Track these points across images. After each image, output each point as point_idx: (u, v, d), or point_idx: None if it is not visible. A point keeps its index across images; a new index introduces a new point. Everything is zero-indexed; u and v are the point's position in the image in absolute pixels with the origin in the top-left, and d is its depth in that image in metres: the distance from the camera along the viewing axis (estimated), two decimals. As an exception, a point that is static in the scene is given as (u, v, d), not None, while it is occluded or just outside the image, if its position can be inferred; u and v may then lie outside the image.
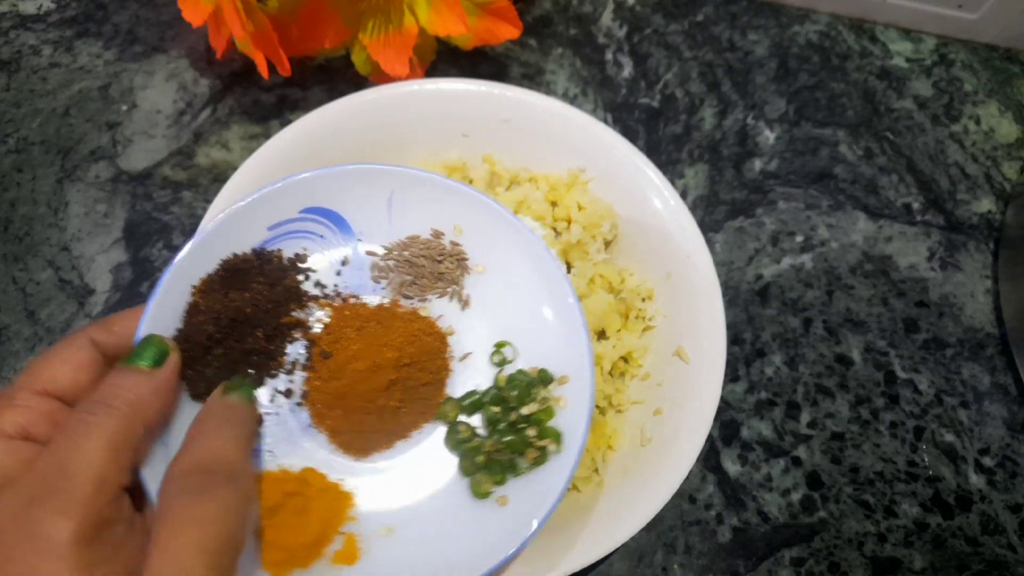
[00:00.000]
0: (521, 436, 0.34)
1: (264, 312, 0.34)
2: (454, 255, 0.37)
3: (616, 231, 0.47)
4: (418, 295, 0.36)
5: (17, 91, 0.56)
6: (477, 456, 0.34)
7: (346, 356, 0.34)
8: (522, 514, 0.32)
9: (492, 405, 0.35)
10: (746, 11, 0.63)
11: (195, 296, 0.32)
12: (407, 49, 0.49)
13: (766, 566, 0.46)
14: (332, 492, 0.33)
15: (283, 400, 0.34)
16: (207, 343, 0.32)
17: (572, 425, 0.34)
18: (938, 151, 0.58)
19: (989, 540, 0.47)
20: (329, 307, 0.35)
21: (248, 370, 0.33)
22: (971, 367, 0.51)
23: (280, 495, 0.31)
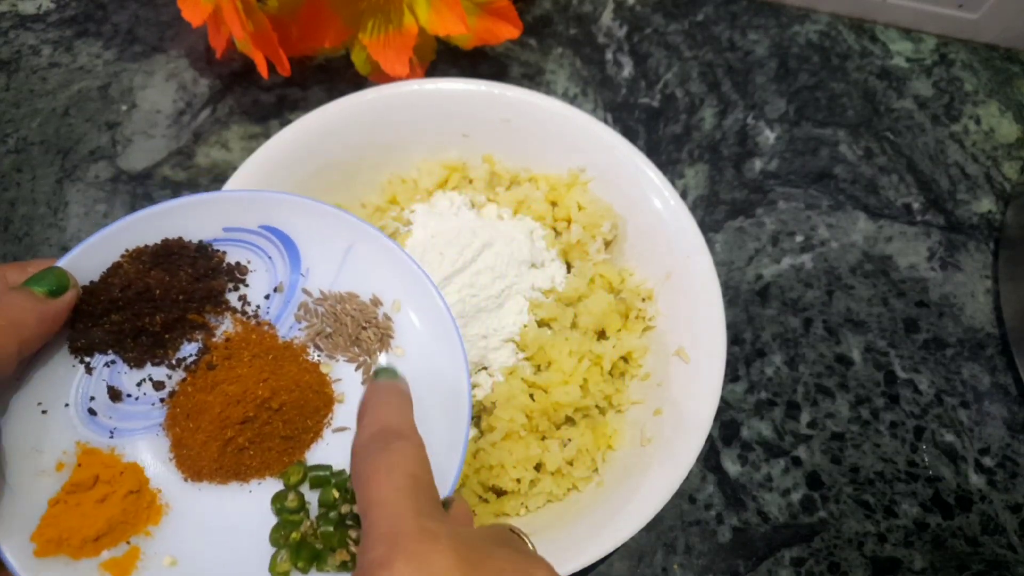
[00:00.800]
0: (342, 533, 0.32)
1: (172, 301, 0.33)
2: (381, 329, 0.36)
3: (616, 231, 0.47)
4: (329, 351, 0.36)
5: (17, 91, 0.56)
6: (293, 532, 0.32)
7: (226, 375, 0.33)
8: None
9: (334, 488, 0.33)
10: (746, 11, 0.63)
11: (123, 258, 0.33)
12: (407, 49, 0.49)
13: (766, 566, 0.46)
14: (143, 498, 0.32)
15: (151, 390, 0.34)
16: (108, 305, 0.32)
17: None
18: (938, 151, 0.58)
19: (989, 540, 0.47)
20: (241, 324, 0.35)
21: (134, 346, 0.33)
22: (971, 367, 0.51)
23: (92, 475, 0.31)
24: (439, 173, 0.47)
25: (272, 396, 0.33)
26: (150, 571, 0.31)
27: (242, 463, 0.33)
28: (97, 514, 0.31)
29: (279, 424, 0.34)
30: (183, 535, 0.32)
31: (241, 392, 0.33)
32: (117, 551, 0.31)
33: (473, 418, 0.43)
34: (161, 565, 0.31)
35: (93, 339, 0.32)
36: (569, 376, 0.42)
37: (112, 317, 0.32)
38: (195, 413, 0.33)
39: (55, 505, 0.30)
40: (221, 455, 0.33)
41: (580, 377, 0.42)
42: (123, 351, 0.33)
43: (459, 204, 0.46)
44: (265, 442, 0.34)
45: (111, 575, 0.30)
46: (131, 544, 0.31)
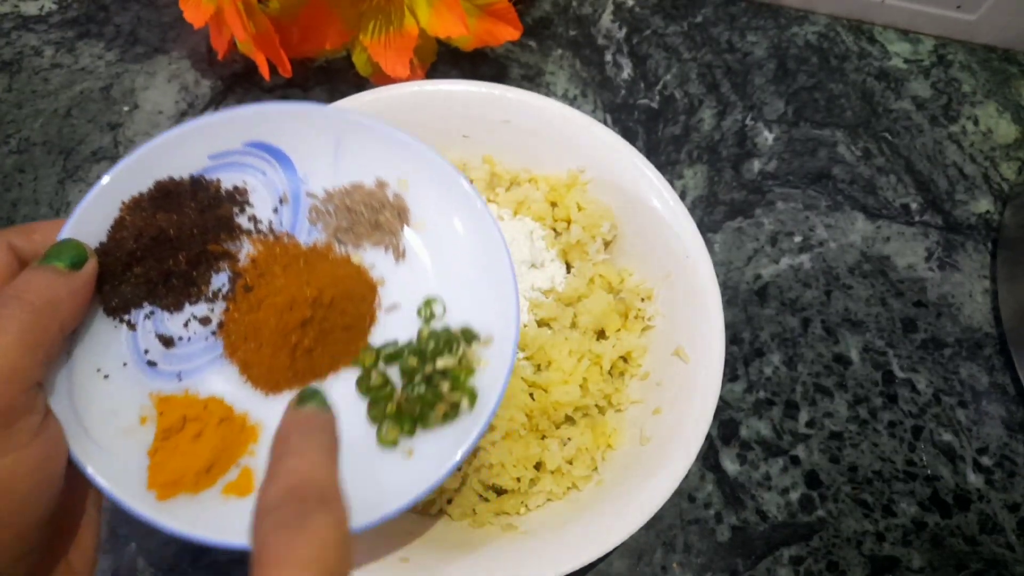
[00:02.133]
0: (434, 390, 0.33)
1: (189, 236, 0.33)
2: (395, 207, 0.36)
3: (615, 231, 0.47)
4: (353, 242, 0.36)
5: (19, 92, 0.56)
6: (388, 404, 0.34)
7: (267, 290, 0.34)
8: (427, 466, 0.32)
9: (409, 356, 0.34)
10: (745, 12, 0.63)
11: (122, 212, 0.32)
12: (408, 50, 0.49)
13: (765, 565, 0.46)
14: (235, 423, 0.33)
15: (199, 327, 0.34)
16: (127, 260, 0.32)
17: (488, 386, 0.33)
18: (936, 151, 0.59)
19: (987, 539, 0.47)
20: (260, 243, 0.35)
21: (167, 292, 0.33)
22: (969, 367, 0.52)
23: (179, 417, 0.32)
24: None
25: (320, 294, 0.33)
26: None
27: (313, 363, 0.34)
28: (199, 449, 0.31)
29: (336, 316, 0.34)
30: None
31: (289, 300, 0.33)
32: (231, 476, 0.31)
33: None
34: None
35: (125, 296, 0.32)
36: (569, 376, 0.42)
37: (135, 270, 0.32)
38: (252, 333, 0.33)
39: (155, 454, 0.31)
40: (292, 362, 0.33)
41: (580, 377, 0.42)
42: (157, 299, 0.33)
43: (459, 204, 0.46)
44: (329, 337, 0.34)
45: (235, 496, 0.31)
46: (241, 465, 0.32)
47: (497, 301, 0.34)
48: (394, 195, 0.36)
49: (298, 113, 0.35)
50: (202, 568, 0.44)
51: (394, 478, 0.32)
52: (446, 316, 0.35)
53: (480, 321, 0.35)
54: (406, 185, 0.36)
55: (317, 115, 0.35)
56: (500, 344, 0.34)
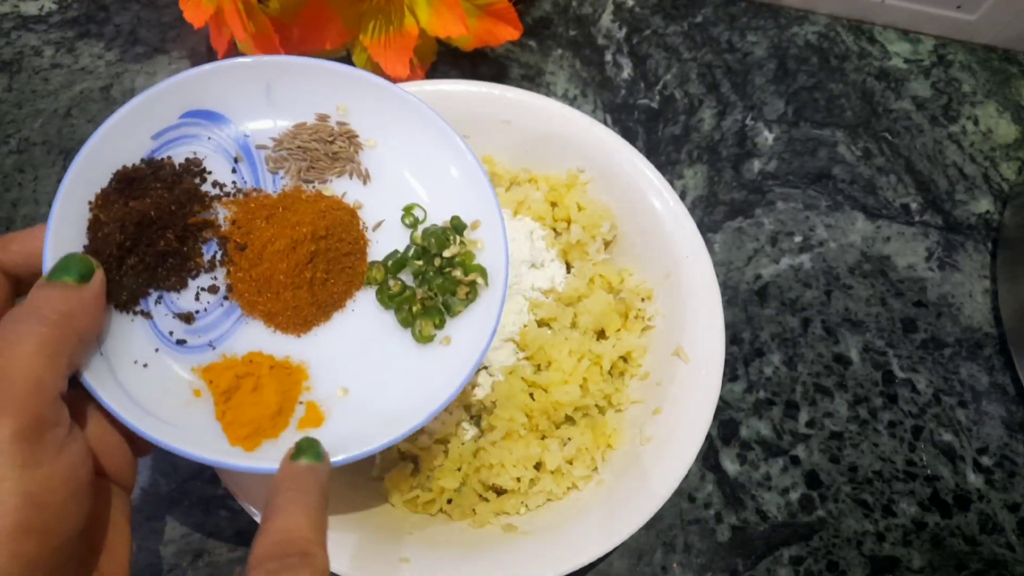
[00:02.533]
0: (449, 277, 0.36)
1: (169, 214, 0.34)
2: (344, 134, 0.38)
3: (615, 231, 0.47)
4: (318, 178, 0.38)
5: (19, 92, 0.56)
6: (412, 306, 0.36)
7: (262, 242, 0.35)
8: (466, 348, 0.35)
9: (415, 259, 0.37)
10: (745, 12, 0.63)
11: (94, 211, 0.32)
12: (408, 50, 0.49)
13: (765, 565, 0.46)
14: (283, 368, 0.34)
15: (210, 297, 0.35)
16: (119, 253, 0.32)
17: (493, 261, 0.36)
18: (936, 151, 0.59)
19: (987, 539, 0.47)
20: (232, 204, 0.36)
21: (167, 273, 0.34)
22: (969, 367, 0.52)
23: (231, 378, 0.33)
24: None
25: (313, 229, 0.35)
26: (335, 409, 0.34)
27: (331, 293, 0.36)
28: (262, 398, 0.33)
29: (336, 244, 0.36)
30: (334, 373, 0.35)
31: (290, 241, 0.34)
32: (299, 413, 0.34)
33: (472, 417, 0.43)
34: (339, 399, 0.35)
35: (129, 288, 0.33)
36: (569, 376, 0.42)
37: (129, 262, 0.32)
38: (264, 285, 0.35)
39: (224, 415, 0.33)
40: (313, 296, 0.35)
41: (580, 377, 0.42)
42: (161, 282, 0.34)
43: (459, 204, 0.46)
44: (336, 265, 0.36)
45: (312, 428, 0.33)
46: (303, 402, 0.34)
47: (468, 186, 0.37)
48: (338, 123, 0.38)
49: (220, 71, 0.35)
50: (202, 568, 0.44)
51: (443, 366, 0.35)
52: (428, 216, 0.38)
53: (461, 209, 0.37)
54: (345, 110, 0.37)
55: (238, 69, 0.36)
56: (488, 223, 0.37)
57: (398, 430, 0.33)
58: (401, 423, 0.33)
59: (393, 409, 0.34)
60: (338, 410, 0.34)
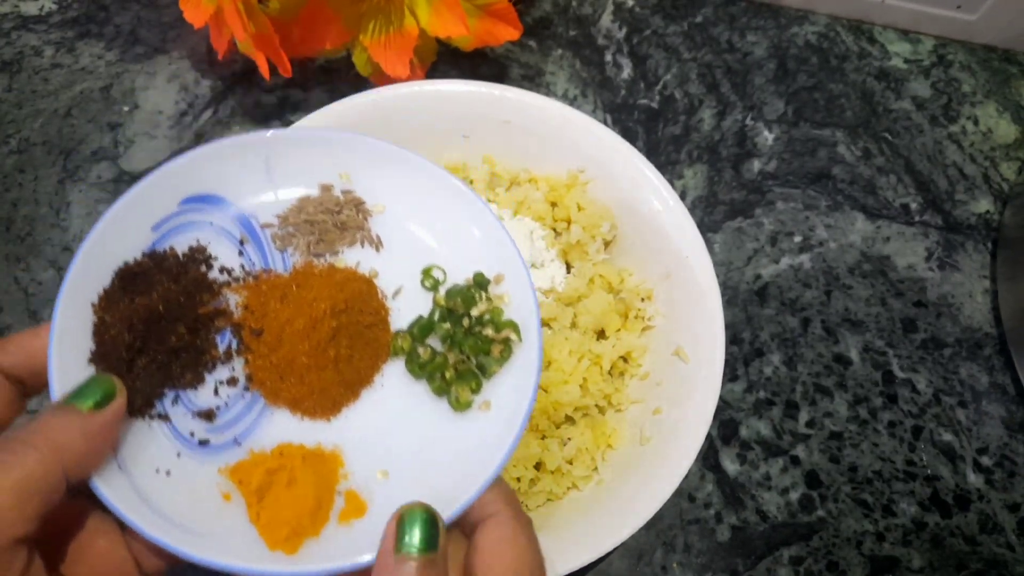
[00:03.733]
0: (480, 337, 0.34)
1: (178, 307, 0.32)
2: (350, 203, 0.36)
3: (615, 231, 0.47)
4: (328, 251, 0.36)
5: (19, 92, 0.56)
6: (445, 372, 0.34)
7: (279, 324, 0.33)
8: (508, 410, 0.33)
9: (441, 322, 0.35)
10: (745, 12, 0.63)
11: (98, 314, 0.31)
12: (408, 50, 0.49)
13: (765, 565, 0.46)
14: (316, 457, 0.32)
15: (230, 390, 0.33)
16: (128, 355, 0.30)
17: (523, 314, 0.34)
18: (936, 151, 0.59)
19: (987, 539, 0.47)
20: (243, 288, 0.34)
21: (182, 370, 0.32)
22: (969, 367, 0.52)
23: (263, 475, 0.31)
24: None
25: (331, 303, 0.33)
26: (377, 494, 0.31)
27: (357, 370, 0.34)
28: (299, 492, 0.31)
29: (357, 317, 0.34)
30: (371, 456, 0.33)
31: (309, 320, 0.33)
32: (339, 504, 0.31)
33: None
34: (380, 483, 0.32)
35: (143, 391, 0.31)
36: (569, 375, 0.42)
37: (140, 362, 0.31)
38: (286, 370, 0.33)
39: (259, 517, 0.30)
40: (339, 375, 0.33)
41: (580, 376, 0.42)
42: (176, 381, 0.32)
43: (459, 204, 0.46)
44: (360, 340, 0.34)
45: (354, 519, 0.31)
46: (341, 492, 0.32)
47: (485, 238, 0.35)
48: (343, 192, 0.36)
49: (216, 153, 0.34)
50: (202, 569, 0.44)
51: (485, 432, 0.32)
52: (448, 276, 0.36)
53: (482, 264, 0.35)
54: (348, 177, 0.36)
55: (234, 148, 0.34)
56: (512, 275, 0.35)
57: (448, 510, 0.29)
58: (450, 503, 0.30)
59: (439, 486, 0.31)
60: (380, 495, 0.31)
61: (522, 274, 0.34)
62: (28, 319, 0.49)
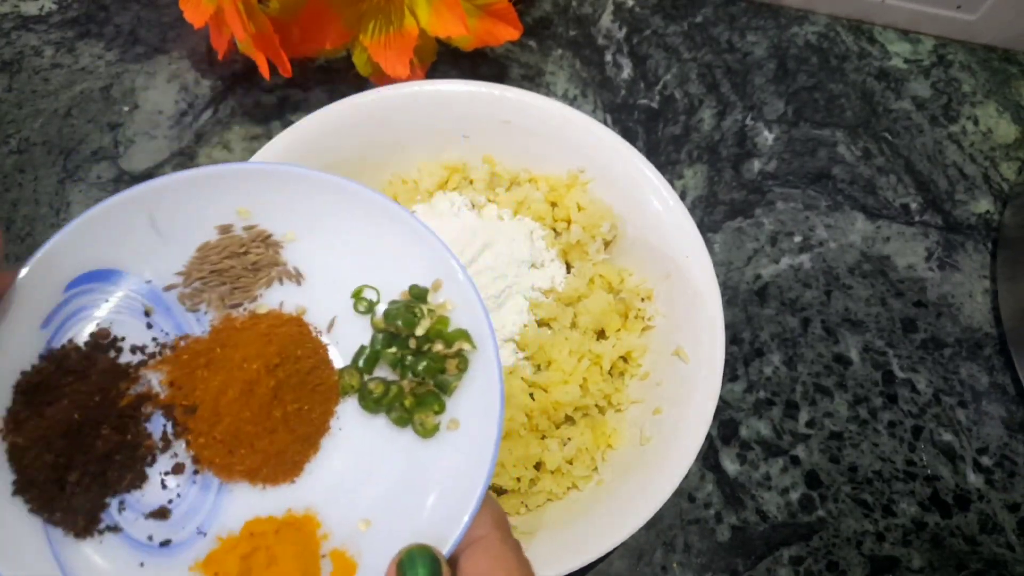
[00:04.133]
0: (431, 356, 0.32)
1: (96, 407, 0.29)
2: (256, 238, 0.33)
3: (615, 231, 0.47)
4: (245, 298, 0.33)
5: (19, 92, 0.56)
6: (404, 401, 0.32)
7: (212, 395, 0.31)
8: (478, 423, 0.30)
9: (386, 348, 0.32)
10: (745, 12, 0.63)
11: (8, 439, 0.28)
12: (408, 50, 0.49)
13: (765, 564, 0.46)
14: (289, 526, 0.30)
15: (178, 479, 0.30)
16: (55, 475, 0.28)
17: (472, 317, 0.32)
18: (936, 151, 0.59)
19: (987, 539, 0.47)
20: (163, 364, 0.31)
21: (119, 474, 0.30)
22: (969, 367, 0.52)
23: (238, 562, 0.29)
24: (440, 174, 0.47)
25: (264, 360, 0.31)
26: (364, 547, 0.30)
27: (309, 422, 0.32)
28: (282, 570, 0.29)
29: (294, 366, 0.32)
30: (347, 508, 0.31)
31: (242, 384, 0.30)
32: (327, 568, 0.29)
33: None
34: (364, 534, 0.30)
35: (82, 510, 0.29)
36: (569, 376, 0.42)
37: (71, 478, 0.28)
38: (233, 441, 0.31)
39: None
40: (291, 434, 0.31)
41: (580, 376, 0.42)
42: (115, 488, 0.30)
43: (459, 205, 0.46)
44: (303, 389, 0.32)
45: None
46: (326, 554, 0.30)
47: (413, 245, 0.32)
48: (244, 229, 0.33)
49: (91, 223, 0.30)
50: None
51: (459, 452, 0.30)
52: (382, 295, 0.33)
53: (416, 274, 0.33)
54: (247, 213, 0.33)
55: (110, 210, 0.31)
56: (448, 279, 0.32)
57: (443, 547, 0.28)
58: (441, 540, 0.28)
59: (426, 523, 0.29)
60: (367, 547, 0.29)
61: (459, 275, 0.32)
62: (28, 319, 0.49)
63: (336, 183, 0.32)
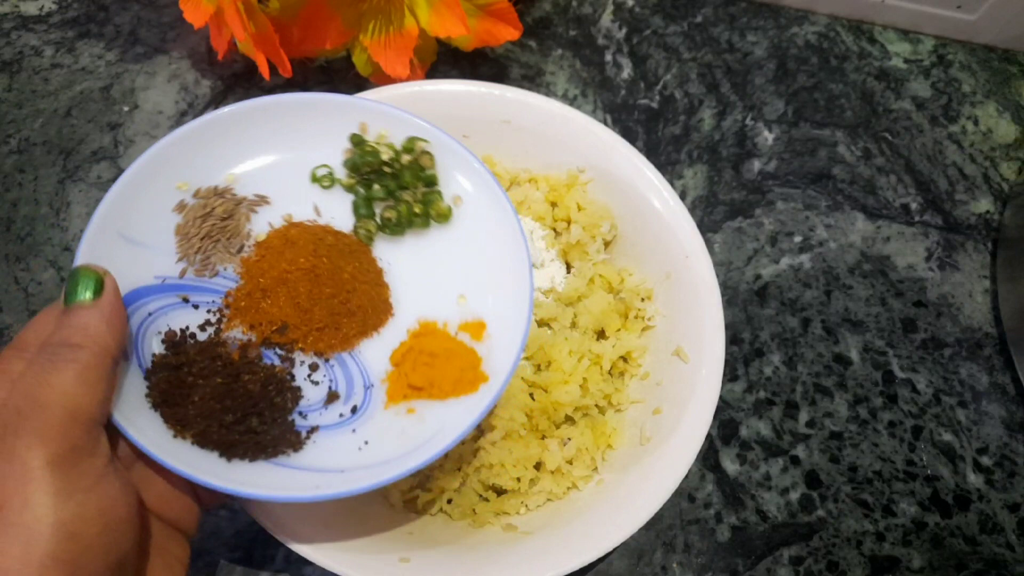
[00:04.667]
0: (408, 165, 0.38)
1: (221, 373, 0.33)
2: (209, 195, 0.36)
3: (615, 231, 0.47)
4: (242, 239, 0.37)
5: (19, 92, 0.56)
6: (415, 208, 0.38)
7: (289, 307, 0.35)
8: (473, 183, 0.38)
9: (370, 189, 0.38)
10: (745, 12, 0.63)
11: (186, 435, 0.32)
12: (408, 50, 0.49)
13: (765, 564, 0.46)
14: (418, 336, 0.37)
15: (319, 373, 0.35)
16: (243, 429, 0.32)
17: (405, 125, 0.38)
18: (936, 151, 0.59)
19: (987, 539, 0.47)
20: (231, 322, 0.35)
21: (282, 398, 0.34)
22: (969, 367, 0.52)
23: (409, 377, 0.35)
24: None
25: (301, 254, 0.36)
26: (475, 312, 0.37)
27: (366, 271, 0.37)
28: (441, 355, 0.36)
29: (325, 244, 0.36)
30: (440, 301, 0.37)
31: (304, 277, 0.35)
32: (465, 337, 0.36)
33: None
34: (467, 304, 0.37)
35: (281, 437, 0.33)
36: (569, 376, 0.42)
37: (254, 425, 0.33)
38: (331, 319, 0.36)
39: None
40: (366, 286, 0.36)
41: (580, 376, 0.42)
42: (287, 408, 0.34)
43: (459, 204, 0.46)
44: (345, 255, 0.37)
45: (484, 332, 0.36)
46: (455, 332, 0.36)
47: (324, 113, 0.37)
48: (193, 196, 0.36)
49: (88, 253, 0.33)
50: (201, 569, 0.44)
51: (480, 212, 0.38)
52: (331, 163, 0.38)
53: (343, 130, 0.38)
54: (186, 185, 0.36)
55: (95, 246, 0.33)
56: (366, 115, 0.38)
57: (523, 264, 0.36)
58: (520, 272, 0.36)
59: (501, 272, 0.36)
60: (476, 310, 0.37)
61: (371, 106, 0.37)
62: (28, 318, 0.49)
63: (227, 113, 0.36)
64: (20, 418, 0.25)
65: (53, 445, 0.25)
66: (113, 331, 0.29)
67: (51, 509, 0.24)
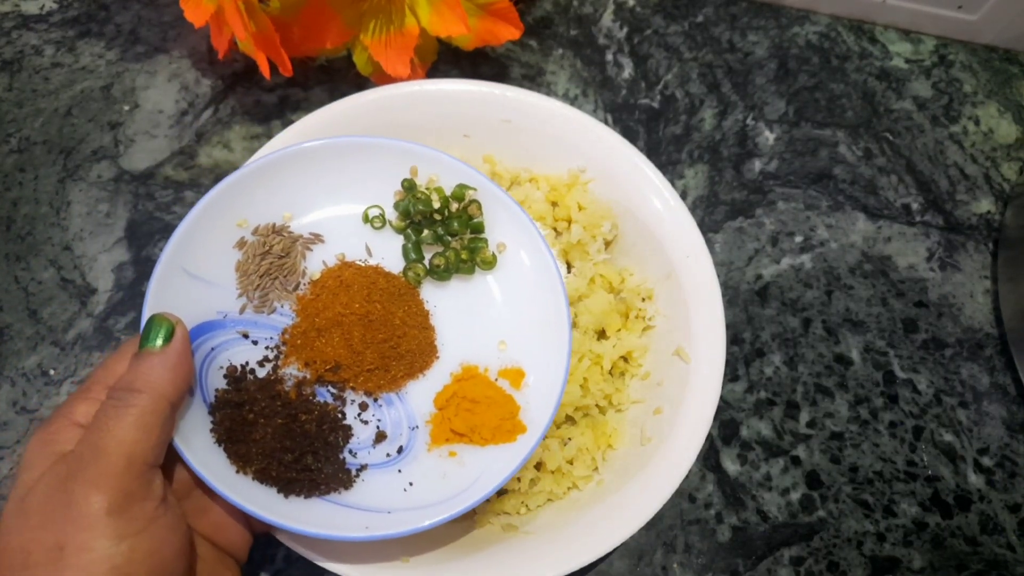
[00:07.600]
0: (456, 213, 0.40)
1: (280, 411, 0.35)
2: (267, 232, 0.38)
3: (616, 231, 0.47)
4: (297, 277, 0.38)
5: (19, 91, 0.56)
6: (462, 256, 0.39)
7: (342, 348, 0.37)
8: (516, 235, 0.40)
9: (420, 235, 0.40)
10: (746, 12, 0.63)
11: (248, 472, 0.34)
12: (408, 50, 0.49)
13: (765, 565, 0.46)
14: (461, 380, 0.38)
15: (368, 413, 0.37)
16: (299, 466, 0.34)
17: (455, 173, 0.39)
18: (937, 152, 0.59)
19: (988, 540, 0.47)
20: (288, 359, 0.37)
21: (335, 436, 0.36)
22: (970, 367, 0.52)
23: (451, 421, 0.37)
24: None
25: (355, 298, 0.37)
26: (515, 359, 0.39)
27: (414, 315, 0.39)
28: (482, 402, 0.37)
29: (377, 288, 0.38)
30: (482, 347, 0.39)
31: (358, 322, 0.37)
32: (505, 384, 0.38)
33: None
34: (508, 350, 0.39)
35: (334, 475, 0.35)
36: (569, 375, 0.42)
37: (309, 463, 0.34)
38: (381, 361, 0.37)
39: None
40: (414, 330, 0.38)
41: (580, 376, 0.42)
42: (340, 446, 0.36)
43: (460, 204, 0.46)
44: (396, 298, 0.38)
45: (522, 380, 0.39)
46: (496, 378, 0.38)
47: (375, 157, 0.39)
48: (252, 233, 0.38)
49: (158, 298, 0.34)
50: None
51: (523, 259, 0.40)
52: (383, 205, 0.40)
53: (394, 173, 0.40)
54: (245, 222, 0.38)
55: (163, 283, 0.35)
56: (419, 160, 0.39)
57: (560, 303, 0.38)
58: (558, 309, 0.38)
59: (539, 312, 0.38)
60: (515, 357, 0.38)
61: (425, 151, 0.39)
62: (28, 318, 0.49)
63: (286, 154, 0.38)
64: (82, 465, 0.28)
65: (110, 492, 0.27)
66: (175, 378, 0.31)
67: (106, 553, 0.27)
